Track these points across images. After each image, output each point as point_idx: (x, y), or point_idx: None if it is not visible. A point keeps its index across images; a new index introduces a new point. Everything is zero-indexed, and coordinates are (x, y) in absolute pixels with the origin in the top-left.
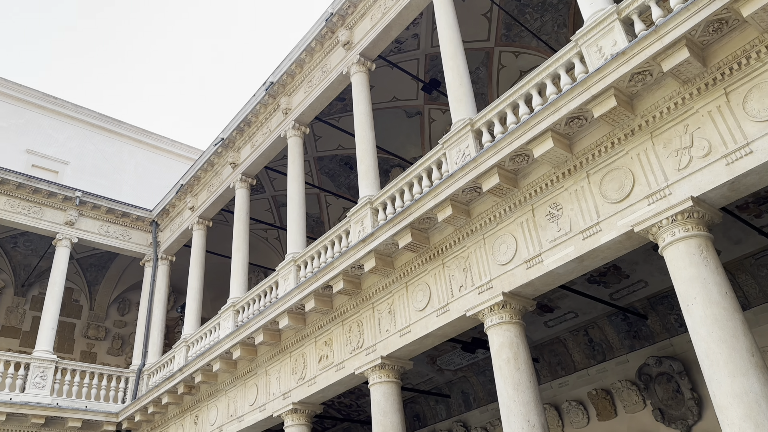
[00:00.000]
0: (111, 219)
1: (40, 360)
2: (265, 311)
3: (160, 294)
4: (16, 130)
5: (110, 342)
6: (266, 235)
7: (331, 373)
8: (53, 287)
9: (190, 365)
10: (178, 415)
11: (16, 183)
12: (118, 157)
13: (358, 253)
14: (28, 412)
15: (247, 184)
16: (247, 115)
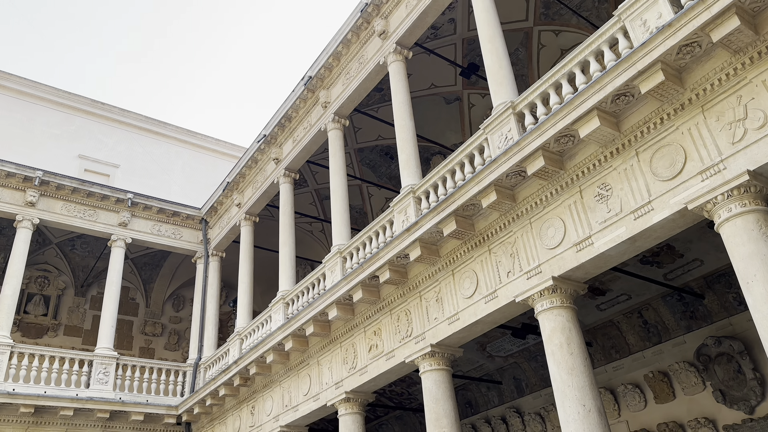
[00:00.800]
0: (162, 218)
1: (102, 357)
2: (314, 303)
3: (213, 289)
4: (69, 137)
5: (167, 337)
6: (311, 228)
7: (382, 362)
8: (111, 287)
9: (244, 357)
10: (235, 407)
11: (71, 188)
12: (165, 158)
13: (403, 243)
14: (93, 407)
15: (290, 179)
16: (288, 111)
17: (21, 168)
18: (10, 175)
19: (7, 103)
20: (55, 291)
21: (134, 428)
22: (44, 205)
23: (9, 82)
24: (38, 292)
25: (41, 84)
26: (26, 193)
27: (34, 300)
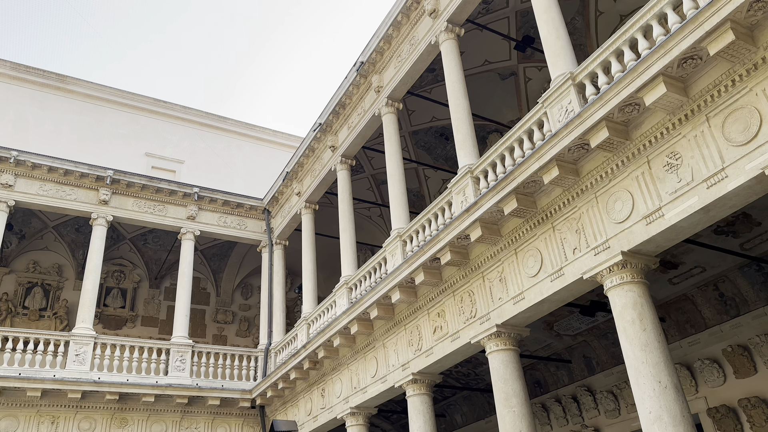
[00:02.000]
0: (227, 210)
1: (179, 345)
2: (377, 287)
3: (278, 277)
4: (135, 136)
5: (238, 324)
6: (369, 213)
7: (447, 343)
8: (182, 278)
9: (312, 342)
10: (306, 389)
11: (140, 185)
12: (227, 152)
13: (463, 224)
14: (172, 393)
15: (347, 166)
16: (341, 98)
17: (93, 168)
18: (83, 175)
19: (76, 107)
20: (131, 284)
21: (211, 412)
22: (116, 203)
23: (77, 86)
24: (116, 286)
25: (106, 86)
26: (99, 192)
27: (113, 293)
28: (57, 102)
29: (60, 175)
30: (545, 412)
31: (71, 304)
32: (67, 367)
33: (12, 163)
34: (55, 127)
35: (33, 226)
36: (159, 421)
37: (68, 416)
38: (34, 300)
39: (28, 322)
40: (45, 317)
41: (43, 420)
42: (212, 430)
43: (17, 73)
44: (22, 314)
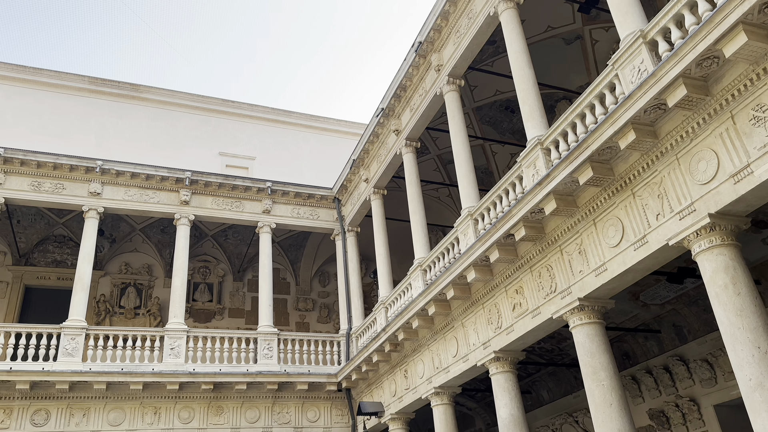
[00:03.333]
0: (299, 202)
1: (265, 334)
2: (451, 267)
3: (353, 263)
4: (208, 137)
5: (318, 311)
6: (438, 194)
7: (528, 320)
8: (263, 269)
9: (391, 325)
10: (389, 371)
11: (217, 183)
12: (294, 145)
13: (536, 198)
14: (263, 380)
15: (412, 148)
16: (402, 81)
17: (172, 171)
18: (164, 179)
19: (151, 114)
20: (216, 278)
21: (300, 397)
22: (196, 202)
23: (149, 94)
24: (202, 281)
25: (177, 92)
26: (180, 194)
27: (200, 288)
28: (133, 110)
29: (142, 180)
30: (636, 384)
31: (162, 301)
32: (164, 360)
33: (98, 172)
34: (133, 134)
35: (122, 230)
36: (252, 407)
37: (169, 407)
38: (129, 299)
39: (125, 321)
40: (140, 315)
41: (146, 411)
42: (302, 413)
43: (95, 87)
44: (119, 313)
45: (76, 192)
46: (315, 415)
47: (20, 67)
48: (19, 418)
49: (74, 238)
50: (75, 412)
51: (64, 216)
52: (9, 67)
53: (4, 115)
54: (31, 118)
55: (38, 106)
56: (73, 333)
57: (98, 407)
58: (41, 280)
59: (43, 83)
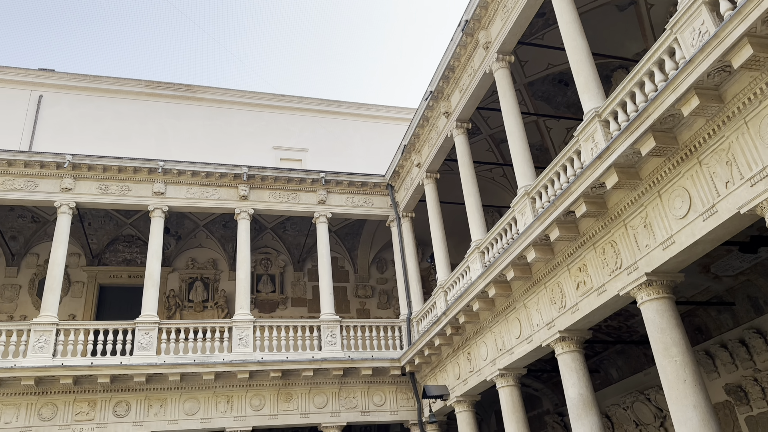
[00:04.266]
0: (353, 190)
1: (328, 322)
2: (510, 248)
3: (409, 249)
4: (261, 132)
5: (377, 298)
6: (491, 174)
7: (593, 298)
8: (322, 259)
9: (451, 308)
10: (452, 355)
11: (273, 177)
12: (345, 134)
13: (596, 172)
14: (328, 366)
15: (463, 130)
16: (449, 61)
17: (230, 167)
18: (222, 175)
19: (206, 113)
20: (277, 269)
21: (365, 382)
22: (255, 196)
23: (204, 93)
24: (264, 273)
25: (230, 89)
26: (238, 189)
27: (263, 279)
28: (189, 111)
29: (202, 178)
30: (710, 359)
31: (228, 294)
32: (233, 350)
33: (160, 172)
34: (191, 134)
35: (186, 227)
36: (320, 393)
37: (240, 395)
38: (197, 293)
39: (195, 314)
40: (208, 308)
41: (219, 400)
42: (368, 398)
43: (151, 90)
44: (188, 307)
45: (141, 193)
46: (381, 399)
47: (81, 75)
48: (102, 409)
49: (142, 237)
50: (153, 403)
51: (131, 216)
52: (71, 76)
53: (70, 124)
54: (94, 124)
55: (100, 112)
56: (147, 328)
57: (174, 398)
58: (114, 278)
59: (103, 90)
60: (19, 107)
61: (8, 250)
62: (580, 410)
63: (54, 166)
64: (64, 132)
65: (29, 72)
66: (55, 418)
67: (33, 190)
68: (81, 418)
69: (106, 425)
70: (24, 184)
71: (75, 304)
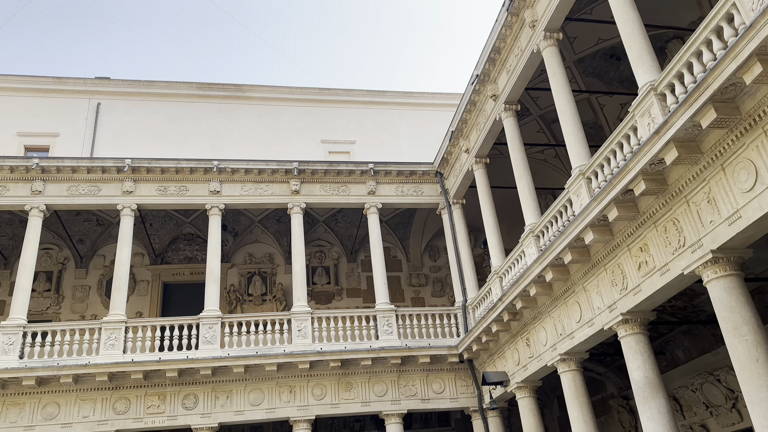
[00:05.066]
0: (401, 180)
1: (383, 311)
2: (566, 231)
3: (461, 236)
4: (310, 126)
5: (431, 286)
6: (543, 156)
7: (655, 278)
8: (374, 249)
9: (507, 294)
10: (510, 341)
11: (322, 170)
12: (391, 124)
13: (654, 148)
14: (386, 355)
15: (512, 112)
16: (495, 43)
17: (281, 163)
18: (274, 171)
19: (256, 111)
20: (331, 261)
21: (423, 370)
22: (306, 191)
23: (252, 92)
24: (319, 265)
25: (278, 86)
26: (290, 184)
27: (318, 271)
28: (239, 110)
29: (255, 175)
30: None
31: (286, 287)
32: (293, 341)
33: (216, 171)
34: (242, 132)
35: (242, 224)
36: (379, 382)
37: (302, 385)
38: (255, 287)
39: (254, 307)
40: (267, 301)
41: (282, 390)
42: (427, 385)
43: (203, 92)
44: (248, 301)
45: (198, 192)
46: (440, 387)
47: (135, 82)
48: (171, 402)
49: (201, 235)
50: (219, 395)
51: (190, 215)
52: (126, 83)
53: (127, 129)
54: (150, 128)
55: (155, 116)
56: (210, 322)
57: (239, 389)
58: (176, 276)
59: (157, 94)
60: (80, 115)
61: (77, 253)
62: (647, 393)
63: (115, 171)
64: (122, 137)
65: (87, 81)
66: (129, 411)
67: (96, 194)
68: (152, 411)
69: (176, 417)
70: (88, 189)
71: (141, 302)
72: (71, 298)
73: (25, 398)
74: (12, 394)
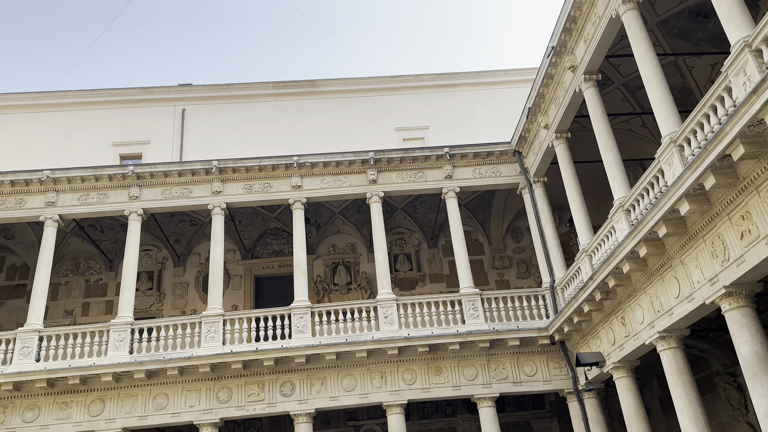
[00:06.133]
0: (478, 162)
1: (468, 295)
2: (659, 203)
3: (545, 215)
4: (383, 115)
5: (516, 268)
6: (629, 126)
7: (760, 247)
8: (455, 233)
9: (598, 273)
10: (603, 320)
11: (398, 158)
12: (464, 106)
13: (752, 108)
14: (473, 339)
15: (592, 83)
16: (570, 12)
17: (357, 154)
18: (351, 162)
19: (329, 105)
20: (412, 248)
21: (513, 352)
22: (383, 179)
23: (325, 86)
24: (400, 252)
25: (349, 78)
26: (367, 174)
27: (399, 258)
28: (314, 104)
29: (333, 167)
30: None
31: (369, 275)
32: (381, 328)
33: (296, 167)
34: (318, 126)
35: (324, 216)
36: (468, 366)
37: (392, 370)
38: (340, 277)
39: (341, 296)
40: (352, 290)
41: (373, 376)
42: (518, 368)
43: (278, 90)
44: (334, 290)
45: (280, 188)
46: (532, 370)
47: (216, 86)
48: (270, 390)
49: (286, 228)
50: (314, 382)
51: (274, 211)
52: (207, 87)
53: (212, 132)
54: (232, 129)
55: (236, 117)
56: (301, 312)
57: (332, 375)
58: (266, 269)
59: (236, 96)
60: (167, 122)
61: (174, 253)
62: (756, 369)
63: (203, 173)
64: (207, 140)
65: (171, 89)
66: (231, 400)
67: (188, 196)
68: (253, 399)
69: (276, 404)
70: (180, 191)
71: (236, 295)
72: (171, 295)
73: (137, 390)
74: (125, 386)
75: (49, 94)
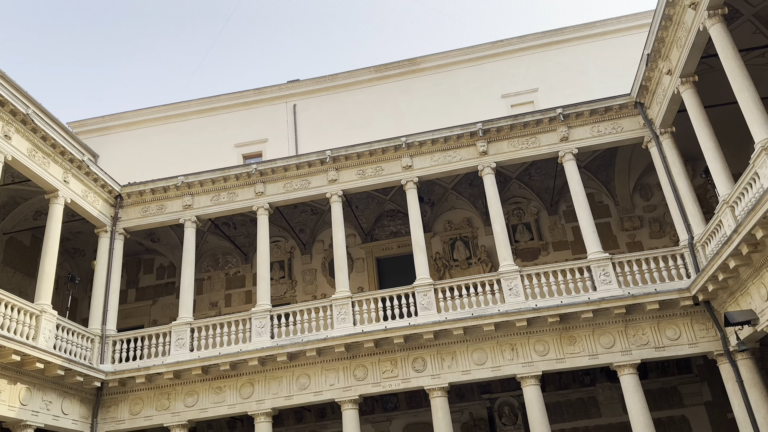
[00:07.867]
0: (596, 119)
1: (597, 261)
2: None
3: (676, 168)
4: (487, 84)
5: (648, 227)
6: (765, 60)
7: None
8: (576, 197)
9: (743, 224)
10: (753, 275)
11: (507, 126)
12: (574, 62)
13: None
14: (607, 305)
15: (718, 18)
16: None
17: (464, 127)
18: (459, 136)
19: (431, 81)
20: (531, 217)
21: (653, 317)
22: (494, 149)
23: (424, 62)
24: (518, 222)
25: (448, 51)
26: (477, 146)
27: (518, 229)
28: (416, 83)
29: (441, 144)
30: None
31: (488, 248)
32: (506, 300)
33: (405, 147)
34: (421, 104)
35: (436, 193)
36: (604, 333)
37: (522, 342)
38: (459, 252)
39: (461, 272)
40: (472, 264)
41: (504, 349)
42: (660, 333)
43: (380, 73)
44: (454, 266)
45: (392, 170)
46: (675, 333)
47: (320, 78)
48: (402, 367)
49: (401, 209)
50: (444, 357)
51: (388, 193)
52: (313, 81)
53: (321, 123)
54: (339, 117)
55: (342, 106)
56: (424, 290)
57: (461, 350)
58: (386, 251)
59: (340, 85)
60: (281, 119)
61: (300, 242)
62: None
63: (319, 163)
64: (318, 131)
65: (281, 87)
66: (367, 377)
67: (307, 187)
68: (387, 375)
69: (409, 380)
70: (299, 183)
71: (360, 277)
72: (302, 281)
73: (281, 372)
74: (270, 369)
75: (173, 106)
